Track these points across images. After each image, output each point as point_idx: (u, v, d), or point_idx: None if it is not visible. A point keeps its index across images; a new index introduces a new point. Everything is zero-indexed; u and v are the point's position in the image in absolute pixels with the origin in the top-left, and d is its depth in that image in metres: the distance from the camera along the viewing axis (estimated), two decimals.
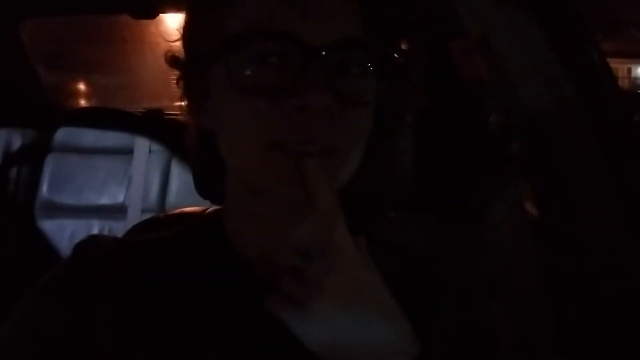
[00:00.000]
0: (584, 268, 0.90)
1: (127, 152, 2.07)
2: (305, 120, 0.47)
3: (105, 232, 1.98)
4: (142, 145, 2.07)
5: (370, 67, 0.51)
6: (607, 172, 0.88)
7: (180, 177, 2.03)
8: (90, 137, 2.10)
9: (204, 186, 0.70)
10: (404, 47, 0.55)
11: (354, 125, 0.51)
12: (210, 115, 0.54)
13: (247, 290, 0.54)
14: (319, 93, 0.47)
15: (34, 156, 2.07)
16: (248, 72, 0.48)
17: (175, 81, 0.57)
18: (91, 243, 0.56)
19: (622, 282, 0.87)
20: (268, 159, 0.49)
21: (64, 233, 2.00)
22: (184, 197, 1.97)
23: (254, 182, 0.52)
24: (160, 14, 1.93)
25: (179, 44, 0.57)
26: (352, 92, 0.49)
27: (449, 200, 1.13)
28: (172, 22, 2.18)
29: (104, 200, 2.03)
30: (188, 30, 0.55)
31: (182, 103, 0.58)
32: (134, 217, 1.97)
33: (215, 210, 0.67)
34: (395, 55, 0.54)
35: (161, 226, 0.78)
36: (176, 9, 1.89)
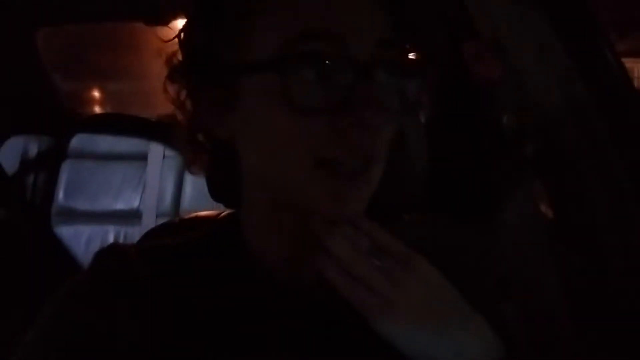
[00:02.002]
0: (601, 269, 0.89)
1: (142, 157, 2.08)
2: (358, 137, 0.47)
3: (121, 238, 2.00)
4: (156, 150, 2.08)
5: (404, 72, 0.51)
6: (622, 173, 0.87)
7: (194, 182, 2.04)
8: (105, 143, 2.11)
9: (217, 190, 0.70)
10: (422, 48, 0.55)
11: (390, 135, 0.51)
12: (231, 126, 0.53)
13: (266, 295, 0.54)
14: (373, 111, 0.47)
15: (50, 163, 2.09)
16: (299, 90, 0.47)
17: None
18: (111, 251, 0.56)
19: None
20: (317, 176, 0.48)
21: (80, 239, 2.02)
22: (198, 201, 1.98)
23: (294, 198, 0.51)
24: (174, 21, 1.94)
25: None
26: (395, 104, 0.50)
27: (463, 202, 1.12)
28: None
29: (119, 205, 2.05)
30: (207, 38, 0.52)
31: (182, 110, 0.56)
32: (149, 222, 1.99)
33: (230, 214, 0.67)
34: (420, 55, 0.54)
35: (176, 230, 0.79)
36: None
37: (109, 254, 0.56)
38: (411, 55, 0.52)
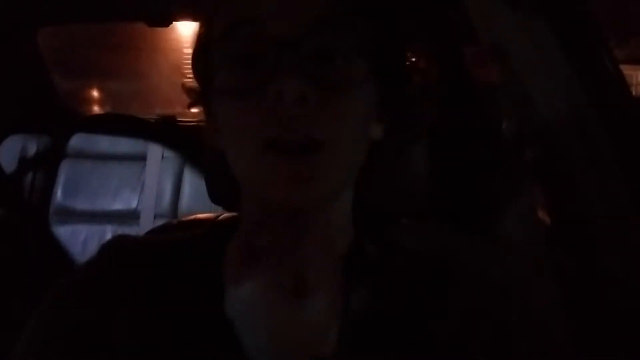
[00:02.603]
0: (599, 276, 0.89)
1: (141, 158, 2.08)
2: (284, 109, 0.47)
3: None
4: (155, 151, 2.08)
5: (355, 50, 0.50)
6: (621, 180, 0.87)
7: (192, 183, 2.04)
8: (104, 143, 2.12)
9: (216, 192, 0.70)
10: (409, 39, 0.56)
11: (340, 114, 0.49)
12: (219, 135, 0.54)
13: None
14: (291, 80, 0.46)
15: (48, 162, 2.09)
16: (228, 75, 0.50)
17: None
18: (115, 244, 0.57)
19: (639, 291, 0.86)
20: (266, 158, 0.48)
21: (78, 238, 2.02)
22: (196, 203, 1.98)
23: (254, 189, 0.52)
24: (174, 22, 1.94)
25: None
26: (331, 78, 0.49)
27: (462, 208, 1.12)
28: (186, 30, 2.20)
29: (118, 205, 2.05)
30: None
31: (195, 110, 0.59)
32: (147, 222, 1.99)
33: (231, 217, 0.67)
34: (391, 39, 0.54)
35: (174, 232, 0.79)
36: (190, 17, 1.90)
37: (112, 247, 0.57)
38: (350, 37, 0.50)
